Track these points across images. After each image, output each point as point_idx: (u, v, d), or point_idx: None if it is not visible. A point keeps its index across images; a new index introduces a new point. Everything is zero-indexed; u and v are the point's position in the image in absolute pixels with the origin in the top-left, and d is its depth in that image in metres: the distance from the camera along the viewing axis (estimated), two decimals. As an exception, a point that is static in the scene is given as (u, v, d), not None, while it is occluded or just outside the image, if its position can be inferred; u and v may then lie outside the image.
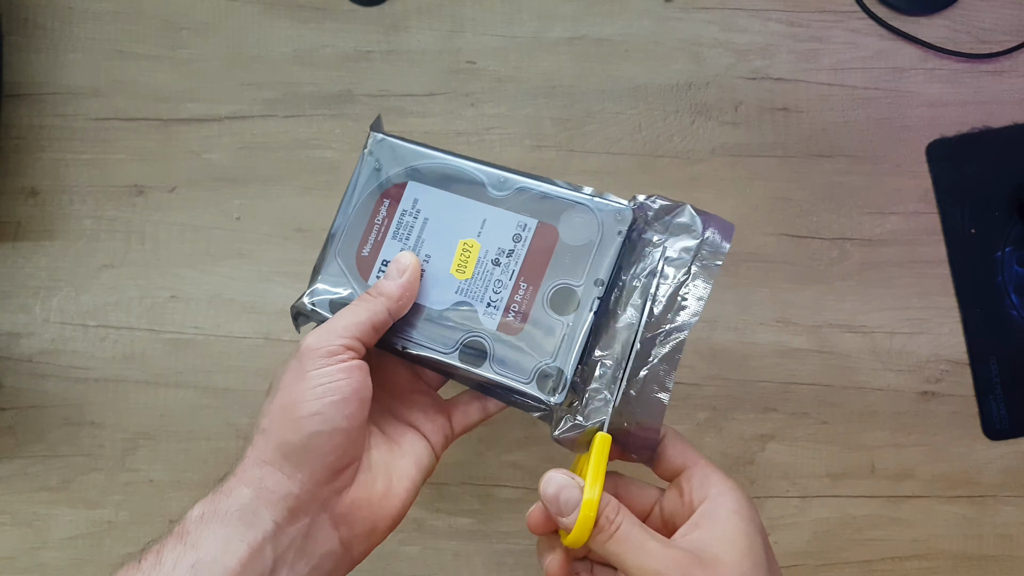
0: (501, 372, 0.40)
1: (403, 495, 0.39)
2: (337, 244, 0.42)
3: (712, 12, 0.62)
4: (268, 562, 0.33)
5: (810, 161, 0.62)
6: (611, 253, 0.40)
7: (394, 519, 0.39)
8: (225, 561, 0.32)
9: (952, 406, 0.60)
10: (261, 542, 0.33)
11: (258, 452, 0.35)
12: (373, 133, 0.44)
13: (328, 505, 0.36)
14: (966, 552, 0.59)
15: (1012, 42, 0.62)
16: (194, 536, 0.32)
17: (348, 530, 0.37)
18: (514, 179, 0.41)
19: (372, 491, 0.37)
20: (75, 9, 0.61)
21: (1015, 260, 0.61)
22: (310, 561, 0.35)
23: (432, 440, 0.42)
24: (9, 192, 0.60)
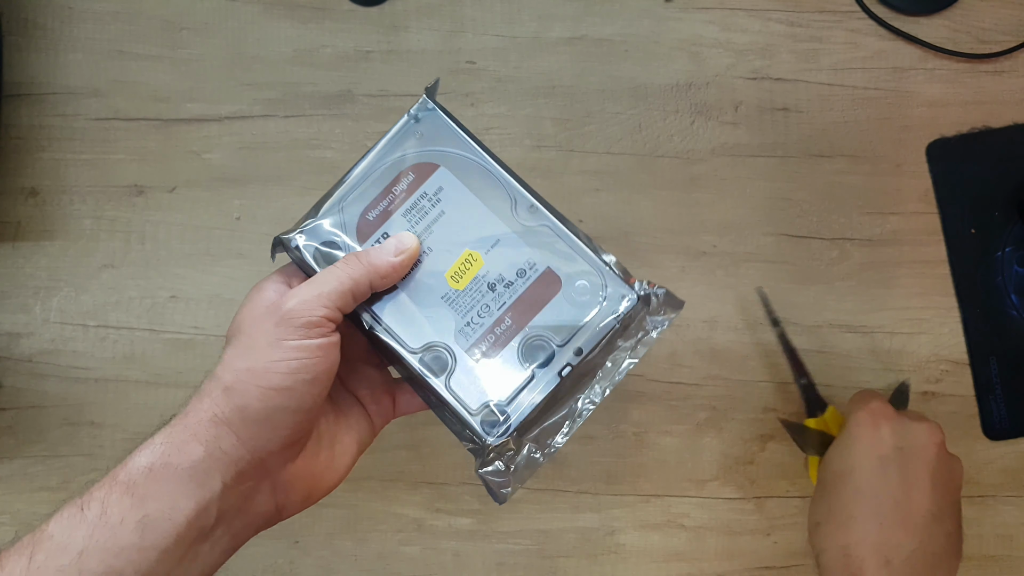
0: (453, 393, 0.39)
1: (341, 470, 0.39)
2: (347, 195, 0.40)
3: (712, 12, 0.62)
4: (211, 520, 0.33)
5: (810, 161, 0.62)
6: (600, 330, 0.39)
7: (328, 490, 0.39)
8: (173, 517, 0.32)
9: (952, 406, 0.60)
10: (208, 501, 0.33)
11: (216, 408, 0.34)
12: (425, 98, 0.41)
13: (272, 473, 0.36)
14: (966, 552, 0.59)
15: (1012, 42, 0.62)
16: (142, 490, 0.32)
17: (285, 496, 0.37)
18: (543, 213, 0.40)
19: (314, 463, 0.38)
20: (75, 9, 0.61)
21: (1015, 260, 0.61)
22: (245, 519, 0.35)
23: (375, 419, 0.41)
24: (9, 192, 0.60)
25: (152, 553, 0.31)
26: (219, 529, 0.34)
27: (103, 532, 0.31)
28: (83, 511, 0.31)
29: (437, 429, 0.59)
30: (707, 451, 0.59)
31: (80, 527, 0.31)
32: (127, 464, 0.32)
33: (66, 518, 0.31)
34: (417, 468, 0.59)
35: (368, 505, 0.58)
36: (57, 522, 0.31)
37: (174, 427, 0.34)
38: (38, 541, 0.30)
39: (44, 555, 0.30)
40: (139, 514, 0.31)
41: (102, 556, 0.30)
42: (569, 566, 0.58)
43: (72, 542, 0.30)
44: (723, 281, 0.60)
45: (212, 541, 0.34)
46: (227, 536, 0.34)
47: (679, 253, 0.60)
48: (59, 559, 0.30)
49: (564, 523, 0.58)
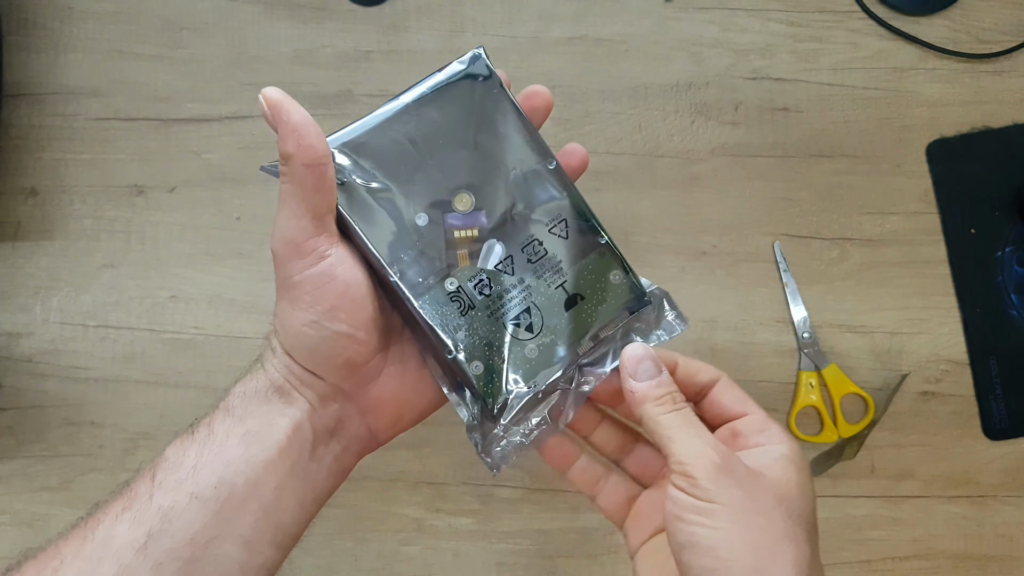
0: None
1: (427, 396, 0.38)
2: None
3: (712, 12, 0.62)
4: (308, 437, 0.35)
5: (810, 161, 0.62)
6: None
7: (423, 411, 0.38)
8: (272, 432, 0.34)
9: (952, 406, 0.60)
10: (300, 419, 0.35)
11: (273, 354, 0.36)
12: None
13: (354, 397, 0.36)
14: (966, 552, 0.59)
15: (1012, 42, 0.62)
16: (240, 410, 0.34)
17: (375, 419, 0.37)
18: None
19: (401, 383, 0.37)
20: (75, 9, 0.61)
21: (1015, 260, 0.61)
22: (341, 441, 0.37)
23: None
24: (9, 192, 0.60)
25: (258, 465, 0.33)
26: (320, 448, 0.35)
27: (211, 449, 0.33)
28: (192, 435, 0.34)
29: (437, 429, 0.59)
30: (707, 451, 0.59)
31: (191, 448, 0.33)
32: (230, 391, 0.35)
33: (178, 444, 0.34)
34: (417, 468, 0.59)
35: (368, 505, 0.58)
36: (172, 448, 0.34)
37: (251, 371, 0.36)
38: (156, 464, 0.33)
39: (164, 474, 0.32)
40: (241, 430, 0.33)
41: (212, 468, 0.33)
42: (569, 566, 0.58)
43: (186, 460, 0.33)
44: (723, 281, 0.60)
45: (316, 461, 0.35)
46: (329, 457, 0.36)
47: (679, 253, 0.60)
48: (175, 474, 0.32)
49: (564, 523, 0.58)
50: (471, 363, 0.36)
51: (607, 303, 0.38)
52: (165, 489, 0.32)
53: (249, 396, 0.35)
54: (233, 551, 0.32)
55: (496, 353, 0.37)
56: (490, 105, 0.37)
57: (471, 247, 0.36)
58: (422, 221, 0.36)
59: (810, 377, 0.59)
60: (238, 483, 0.33)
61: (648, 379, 0.35)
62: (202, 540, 0.32)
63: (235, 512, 0.32)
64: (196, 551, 0.31)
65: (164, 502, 0.32)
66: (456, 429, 0.59)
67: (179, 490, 0.32)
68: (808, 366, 0.59)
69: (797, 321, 0.60)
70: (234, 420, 0.34)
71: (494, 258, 0.37)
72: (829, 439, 0.59)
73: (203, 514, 0.32)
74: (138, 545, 0.30)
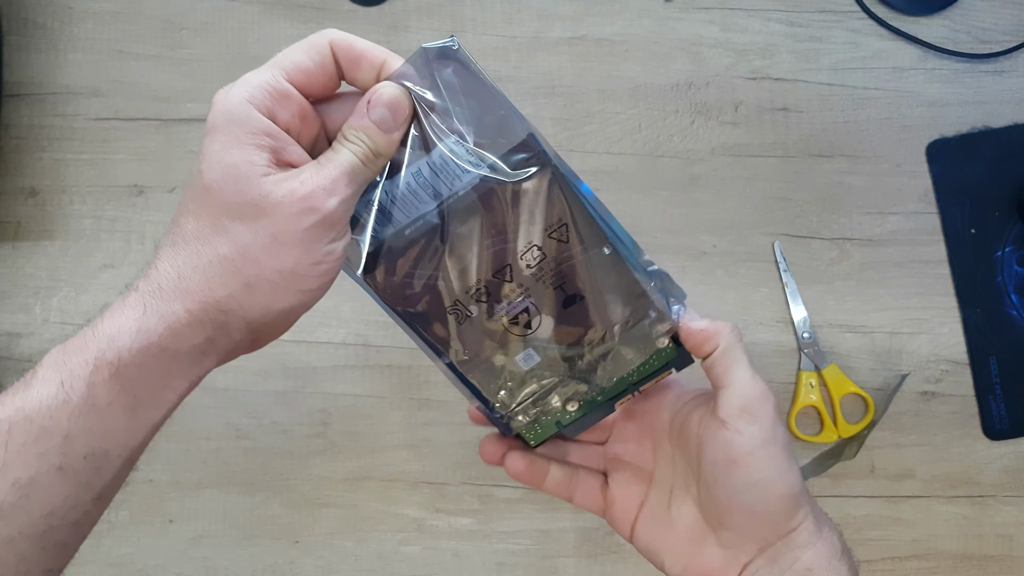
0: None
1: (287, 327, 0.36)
2: None
3: (712, 12, 0.62)
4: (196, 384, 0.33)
5: (810, 161, 0.62)
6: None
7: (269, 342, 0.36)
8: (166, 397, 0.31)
9: (952, 406, 0.60)
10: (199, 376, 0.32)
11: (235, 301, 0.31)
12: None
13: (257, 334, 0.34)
14: (966, 552, 0.59)
15: (1012, 42, 0.62)
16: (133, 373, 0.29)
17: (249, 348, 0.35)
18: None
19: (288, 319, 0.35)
20: (75, 9, 0.61)
21: (1015, 260, 0.61)
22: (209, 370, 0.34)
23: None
24: (9, 192, 0.60)
25: (140, 432, 0.30)
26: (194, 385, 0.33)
27: (90, 416, 0.29)
28: (65, 391, 0.28)
29: (437, 429, 0.59)
30: (707, 451, 0.59)
31: (63, 409, 0.28)
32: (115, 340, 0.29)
33: (46, 396, 0.28)
34: (417, 468, 0.59)
35: (368, 505, 0.58)
36: (36, 400, 0.28)
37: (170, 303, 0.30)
38: (15, 421, 0.28)
39: (23, 437, 0.28)
40: (129, 398, 0.29)
41: (88, 439, 0.29)
42: (569, 566, 0.58)
43: (56, 425, 0.28)
44: (723, 281, 0.60)
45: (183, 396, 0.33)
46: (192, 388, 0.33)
47: (679, 253, 0.60)
48: (41, 444, 0.28)
49: (564, 523, 0.58)
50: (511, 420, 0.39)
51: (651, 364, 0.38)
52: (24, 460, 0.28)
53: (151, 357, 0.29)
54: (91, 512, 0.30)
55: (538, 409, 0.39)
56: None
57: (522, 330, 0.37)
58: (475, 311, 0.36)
59: (810, 377, 0.59)
60: (112, 452, 0.29)
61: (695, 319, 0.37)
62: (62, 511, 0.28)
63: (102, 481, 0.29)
64: (53, 522, 0.28)
65: (22, 475, 0.27)
66: (456, 429, 0.59)
67: (42, 462, 0.28)
68: (808, 366, 0.59)
69: (797, 321, 0.60)
70: (123, 385, 0.29)
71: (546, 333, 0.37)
72: (829, 439, 0.59)
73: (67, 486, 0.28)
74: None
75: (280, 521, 0.58)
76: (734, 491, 0.35)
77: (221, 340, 0.31)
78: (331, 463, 0.59)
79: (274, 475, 0.58)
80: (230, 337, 0.32)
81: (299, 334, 0.59)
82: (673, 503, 0.39)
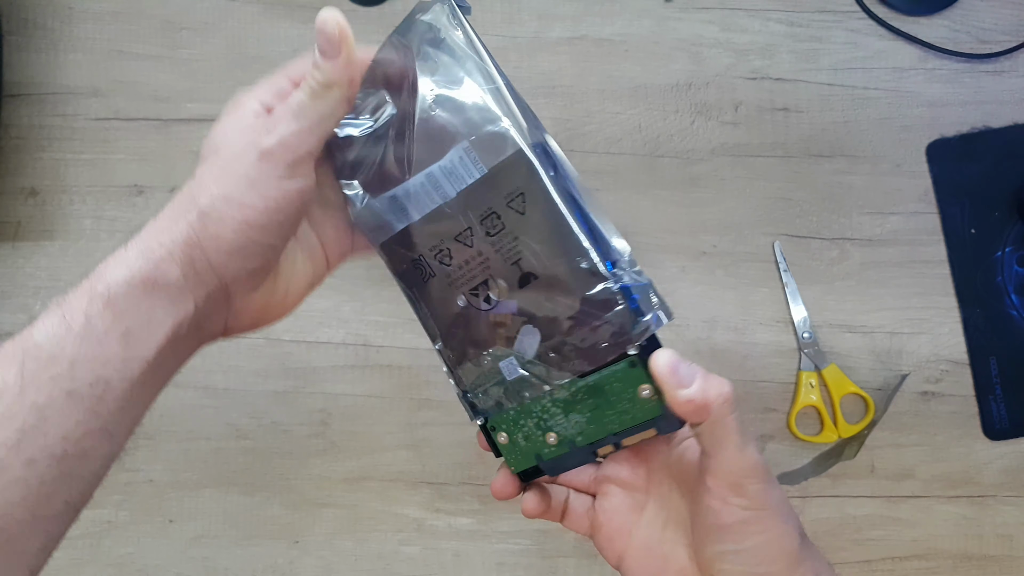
0: None
1: (290, 304, 0.39)
2: None
3: (712, 12, 0.62)
4: (182, 335, 0.34)
5: (810, 161, 0.62)
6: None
7: (274, 320, 0.39)
8: (153, 332, 0.33)
9: (952, 406, 0.60)
10: (183, 318, 0.34)
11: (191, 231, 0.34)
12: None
13: (233, 299, 0.36)
14: (966, 552, 0.59)
15: (1012, 42, 0.62)
16: (122, 304, 0.32)
17: (236, 321, 0.37)
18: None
19: (271, 296, 0.38)
20: (75, 9, 0.61)
21: (1015, 260, 0.61)
22: (201, 336, 0.36)
23: (331, 259, 0.40)
24: (9, 192, 0.60)
25: (135, 364, 0.32)
26: (185, 343, 0.35)
27: (89, 344, 0.31)
28: (67, 321, 0.31)
29: (437, 429, 0.59)
30: (707, 451, 0.59)
31: (67, 337, 0.31)
32: (104, 276, 0.32)
33: (51, 327, 0.31)
34: (417, 468, 0.59)
35: (368, 505, 0.58)
36: (43, 332, 0.31)
37: (148, 241, 0.34)
38: (27, 350, 0.31)
39: (36, 364, 0.31)
40: (121, 327, 0.32)
41: (91, 366, 0.31)
42: (569, 566, 0.58)
43: (62, 352, 0.31)
44: (723, 281, 0.60)
45: (177, 354, 0.35)
46: (187, 350, 0.36)
47: (679, 253, 0.60)
48: (51, 369, 0.31)
49: (564, 523, 0.59)
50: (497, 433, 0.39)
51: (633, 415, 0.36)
52: (39, 384, 0.30)
53: (135, 288, 0.32)
54: (100, 445, 0.32)
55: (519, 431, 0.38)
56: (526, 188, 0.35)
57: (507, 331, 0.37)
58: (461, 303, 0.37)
59: (810, 377, 0.59)
60: (113, 381, 0.32)
61: (689, 382, 0.34)
62: (75, 437, 0.31)
63: (107, 409, 0.32)
64: (68, 447, 0.31)
65: (38, 398, 0.30)
66: (456, 429, 0.59)
67: (54, 386, 0.31)
68: (808, 366, 0.59)
69: (797, 321, 0.60)
70: (114, 314, 0.32)
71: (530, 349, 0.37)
72: (829, 439, 0.59)
73: (78, 411, 0.31)
74: (11, 443, 0.30)
75: (280, 521, 0.58)
76: (724, 554, 0.34)
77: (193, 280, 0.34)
78: (331, 463, 0.59)
79: (274, 475, 0.58)
80: (200, 278, 0.34)
81: (299, 334, 0.59)
82: (666, 539, 0.37)
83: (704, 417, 0.34)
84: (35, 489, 0.30)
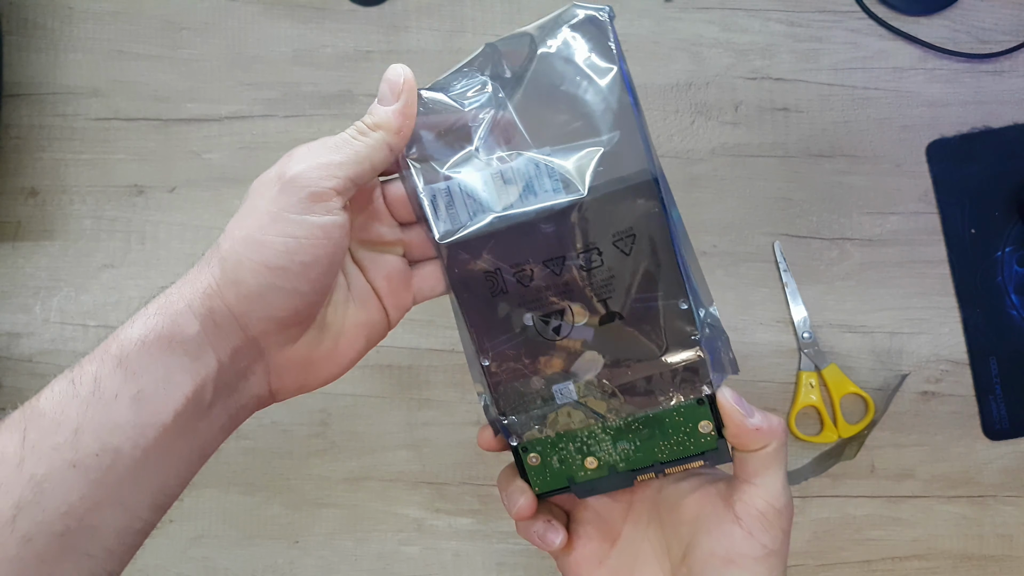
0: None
1: (344, 363, 0.36)
2: None
3: (712, 12, 0.62)
4: (208, 397, 0.31)
5: (810, 161, 0.62)
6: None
7: (325, 381, 0.36)
8: (170, 393, 0.30)
9: (952, 406, 0.60)
10: (204, 378, 0.31)
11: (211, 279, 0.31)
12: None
13: (267, 354, 0.33)
14: (966, 552, 0.59)
15: (1012, 42, 0.62)
16: (135, 364, 0.30)
17: (279, 381, 0.35)
18: None
19: (315, 350, 0.35)
20: (75, 9, 0.61)
21: (1015, 260, 0.61)
22: (240, 400, 0.33)
23: (390, 312, 0.37)
24: (9, 192, 0.60)
25: (149, 430, 0.30)
26: (216, 407, 0.32)
27: (97, 408, 0.29)
28: (75, 386, 0.30)
29: (437, 429, 0.59)
30: (707, 451, 0.59)
31: (73, 403, 0.29)
32: (119, 335, 0.30)
33: (58, 393, 0.29)
34: (417, 468, 0.59)
35: (368, 505, 0.58)
36: (48, 398, 0.29)
37: (170, 296, 0.31)
38: (30, 418, 0.29)
39: (37, 433, 0.29)
40: (133, 389, 0.30)
41: (98, 433, 0.29)
42: (569, 566, 0.58)
43: (66, 419, 0.29)
44: (723, 281, 0.60)
45: (210, 420, 0.32)
46: (224, 415, 0.33)
47: (679, 253, 0.60)
48: (54, 437, 0.28)
49: (564, 523, 0.58)
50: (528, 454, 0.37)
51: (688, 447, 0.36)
52: (39, 454, 0.28)
53: (149, 346, 0.30)
54: (111, 519, 0.30)
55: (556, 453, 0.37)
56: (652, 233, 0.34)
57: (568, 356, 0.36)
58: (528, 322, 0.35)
59: (810, 377, 0.59)
60: (124, 450, 0.29)
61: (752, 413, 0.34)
62: (79, 512, 0.28)
63: (117, 480, 0.29)
64: (71, 523, 0.28)
65: (37, 470, 0.28)
66: (456, 429, 0.59)
67: (55, 456, 0.28)
68: (808, 366, 0.59)
69: (797, 321, 0.60)
70: (126, 375, 0.29)
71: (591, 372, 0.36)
72: (829, 439, 0.59)
73: (82, 484, 0.28)
74: (6, 518, 0.27)
75: (280, 521, 0.58)
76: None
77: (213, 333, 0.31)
78: (331, 463, 0.59)
79: (274, 475, 0.58)
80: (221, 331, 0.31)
81: (299, 334, 0.59)
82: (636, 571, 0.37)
83: (767, 442, 0.34)
84: (33, 568, 0.28)
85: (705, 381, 0.35)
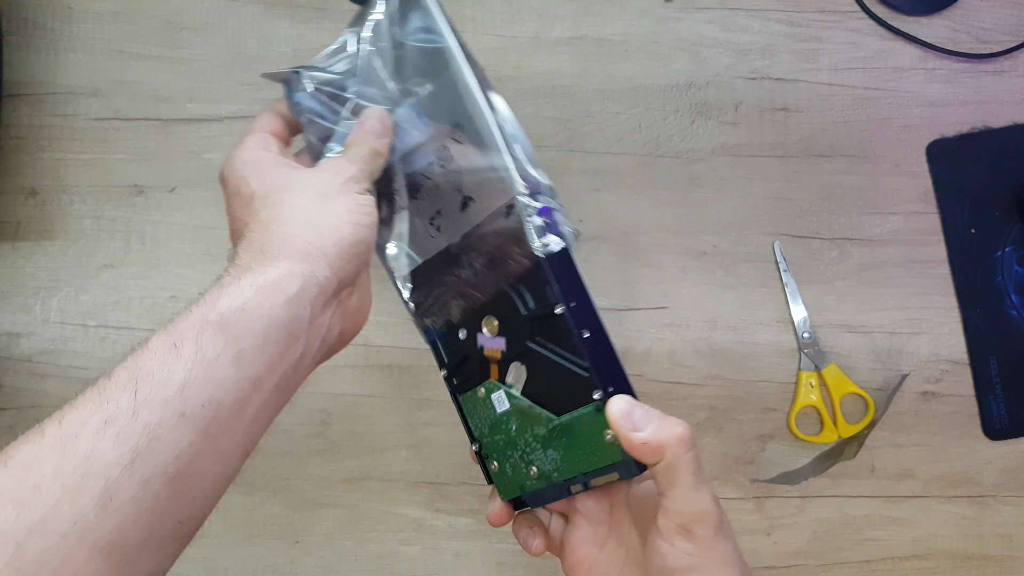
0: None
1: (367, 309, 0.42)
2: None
3: (712, 12, 0.62)
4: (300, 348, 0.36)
5: (810, 161, 0.62)
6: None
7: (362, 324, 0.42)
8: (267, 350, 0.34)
9: (952, 406, 0.60)
10: (298, 331, 0.35)
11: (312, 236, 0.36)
12: None
13: (342, 301, 0.38)
14: (966, 552, 0.59)
15: (1012, 42, 0.62)
16: (236, 327, 0.33)
17: (347, 322, 0.39)
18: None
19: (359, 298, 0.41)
20: (75, 9, 0.61)
21: (1015, 260, 0.61)
22: (321, 349, 0.38)
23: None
24: (9, 192, 0.60)
25: (247, 384, 0.33)
26: (306, 359, 0.36)
27: (201, 368, 0.32)
28: (177, 348, 0.33)
29: (437, 429, 0.59)
30: (707, 451, 0.59)
31: (177, 363, 0.32)
32: (216, 305, 0.34)
33: (160, 355, 0.33)
34: (417, 468, 0.59)
35: (368, 505, 0.58)
36: (152, 359, 0.33)
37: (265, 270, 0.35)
38: (140, 377, 0.32)
39: (149, 388, 0.32)
40: (234, 350, 0.33)
41: (202, 387, 0.32)
42: (569, 566, 0.58)
43: (172, 377, 0.32)
44: (723, 281, 0.60)
45: (297, 370, 0.36)
46: (312, 364, 0.37)
47: (679, 253, 0.60)
48: (164, 391, 0.32)
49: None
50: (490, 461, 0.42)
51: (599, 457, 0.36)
52: (151, 407, 0.31)
53: (249, 312, 0.34)
54: (211, 465, 0.33)
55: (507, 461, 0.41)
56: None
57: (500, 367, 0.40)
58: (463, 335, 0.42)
59: (810, 377, 0.59)
60: (226, 402, 0.33)
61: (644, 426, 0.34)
62: (187, 457, 0.32)
63: (219, 430, 0.33)
64: (181, 467, 0.32)
65: (151, 419, 0.31)
66: (456, 429, 0.59)
67: (167, 408, 0.31)
68: (808, 366, 0.59)
69: (797, 321, 0.60)
70: (228, 338, 0.33)
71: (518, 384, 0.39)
72: (829, 439, 0.59)
73: (189, 432, 0.32)
74: (125, 462, 0.30)
75: (280, 521, 0.58)
76: None
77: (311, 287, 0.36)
78: (331, 463, 0.59)
79: (274, 475, 0.58)
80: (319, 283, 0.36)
81: (299, 334, 0.59)
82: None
83: (659, 458, 0.34)
84: (149, 509, 0.31)
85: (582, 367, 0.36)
